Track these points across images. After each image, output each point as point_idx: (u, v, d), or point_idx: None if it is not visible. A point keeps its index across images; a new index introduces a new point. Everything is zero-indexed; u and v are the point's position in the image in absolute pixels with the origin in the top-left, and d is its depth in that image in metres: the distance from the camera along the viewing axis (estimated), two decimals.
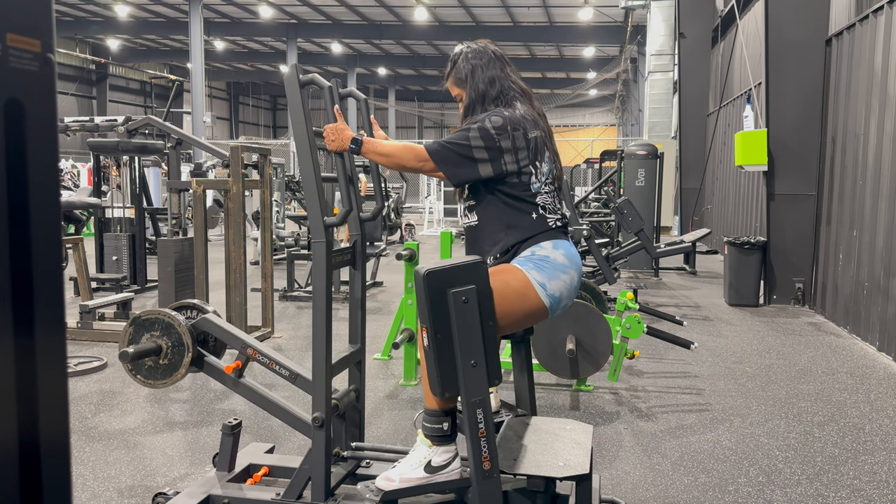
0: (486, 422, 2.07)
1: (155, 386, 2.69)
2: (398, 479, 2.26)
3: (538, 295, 2.32)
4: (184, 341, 2.64)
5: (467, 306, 2.06)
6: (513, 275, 2.33)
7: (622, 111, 31.00)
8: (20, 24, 0.78)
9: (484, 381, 2.08)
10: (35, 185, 0.80)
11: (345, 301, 7.22)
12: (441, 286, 2.07)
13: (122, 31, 25.56)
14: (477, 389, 2.07)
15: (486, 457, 2.07)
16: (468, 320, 2.06)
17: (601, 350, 4.26)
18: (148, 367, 2.67)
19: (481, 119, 2.41)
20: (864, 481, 3.22)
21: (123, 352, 2.59)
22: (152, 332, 2.66)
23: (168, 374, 2.66)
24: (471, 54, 2.57)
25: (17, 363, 0.78)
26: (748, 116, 9.27)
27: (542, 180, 2.45)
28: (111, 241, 7.78)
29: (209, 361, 2.71)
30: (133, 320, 2.69)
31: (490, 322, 2.13)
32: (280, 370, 2.64)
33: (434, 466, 2.26)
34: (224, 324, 2.76)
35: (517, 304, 2.31)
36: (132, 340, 2.67)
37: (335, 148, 2.47)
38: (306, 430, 2.50)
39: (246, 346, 2.68)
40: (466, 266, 2.12)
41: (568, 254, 2.42)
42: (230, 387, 2.69)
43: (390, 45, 28.62)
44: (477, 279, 2.10)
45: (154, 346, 2.65)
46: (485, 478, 2.08)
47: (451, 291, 2.06)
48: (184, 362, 2.64)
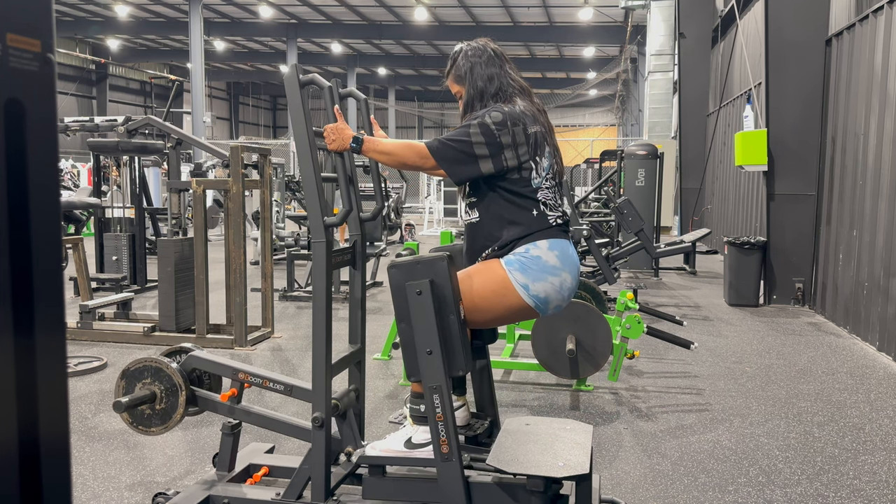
0: (444, 407, 2.24)
1: (155, 433, 2.72)
2: (381, 449, 2.46)
3: (519, 295, 2.39)
4: (175, 382, 2.67)
5: (421, 298, 2.24)
6: (493, 274, 2.41)
7: (622, 111, 31.00)
8: (20, 24, 0.78)
9: (440, 369, 2.24)
10: (35, 185, 0.80)
11: (345, 301, 7.22)
12: (402, 279, 2.29)
13: (122, 31, 25.56)
14: (433, 376, 2.25)
15: (444, 440, 2.24)
16: (422, 311, 2.24)
17: (601, 350, 4.26)
18: (146, 415, 2.69)
19: (481, 115, 2.43)
20: (864, 481, 3.22)
21: (117, 402, 2.62)
22: (143, 381, 2.69)
23: (166, 418, 2.69)
24: (470, 52, 2.58)
25: (17, 363, 0.78)
26: (748, 116, 9.27)
27: (542, 175, 2.46)
28: (111, 241, 7.78)
29: (202, 396, 2.75)
30: (123, 373, 2.72)
31: (451, 315, 2.27)
32: (274, 386, 2.67)
33: (413, 443, 2.44)
34: (210, 356, 2.79)
35: (495, 301, 2.41)
36: (126, 392, 2.70)
37: (336, 148, 2.48)
38: (309, 439, 2.51)
39: (237, 373, 2.71)
40: (425, 261, 2.28)
41: (562, 255, 2.43)
42: (226, 414, 2.74)
43: (390, 45, 28.62)
44: (434, 273, 2.26)
45: (147, 394, 2.67)
46: (444, 460, 2.25)
47: (407, 283, 2.26)
48: (179, 402, 2.67)
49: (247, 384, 2.72)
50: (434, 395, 2.24)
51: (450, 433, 2.23)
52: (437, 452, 2.26)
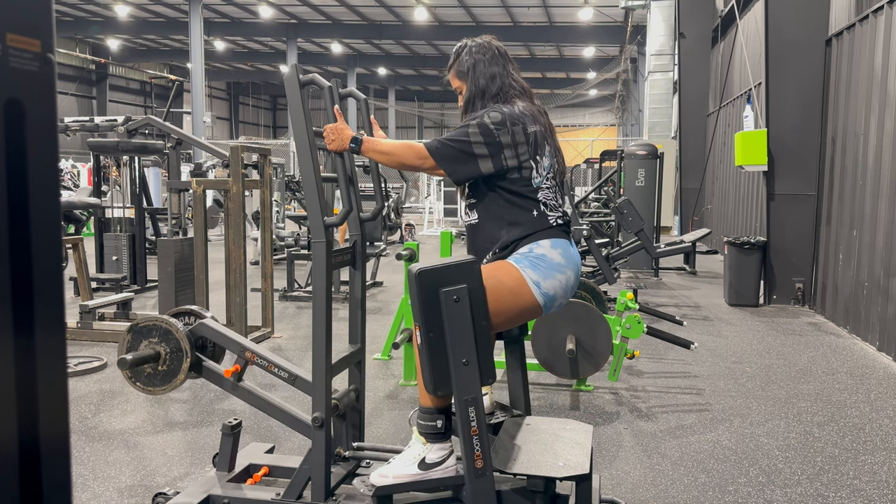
0: (479, 420, 2.08)
1: (154, 392, 2.69)
2: (392, 475, 2.29)
3: (532, 293, 2.34)
4: (182, 347, 2.65)
5: (459, 305, 2.08)
6: (507, 272, 2.34)
7: (622, 111, 31.00)
8: (20, 24, 0.78)
9: (476, 380, 2.09)
10: (35, 185, 0.80)
11: (345, 301, 7.22)
12: (433, 285, 2.10)
13: (122, 31, 25.56)
14: (469, 388, 2.09)
15: (479, 455, 2.08)
16: (460, 319, 2.08)
17: (601, 350, 4.26)
18: (147, 374, 2.67)
19: (480, 115, 2.42)
20: (864, 481, 3.22)
21: (122, 359, 2.59)
22: (150, 339, 2.67)
23: (167, 380, 2.66)
24: (475, 48, 2.57)
25: (17, 363, 0.78)
26: (748, 116, 9.27)
27: (543, 175, 2.45)
28: (111, 241, 7.78)
29: (207, 366, 2.71)
30: (131, 327, 2.69)
31: (483, 321, 2.14)
32: (279, 372, 2.64)
33: (428, 463, 2.28)
34: (222, 328, 2.76)
35: (511, 301, 2.32)
36: (130, 347, 2.68)
37: (335, 148, 2.48)
38: (306, 431, 2.50)
39: (244, 350, 2.68)
40: (458, 265, 2.13)
41: (565, 253, 2.42)
42: (229, 390, 2.70)
43: (390, 45, 28.62)
44: (469, 278, 2.12)
45: (152, 353, 2.65)
46: (477, 476, 2.09)
47: (443, 290, 2.09)
48: (182, 368, 2.64)
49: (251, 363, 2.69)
50: (469, 409, 2.08)
51: (484, 447, 2.10)
52: (470, 468, 2.10)
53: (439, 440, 2.29)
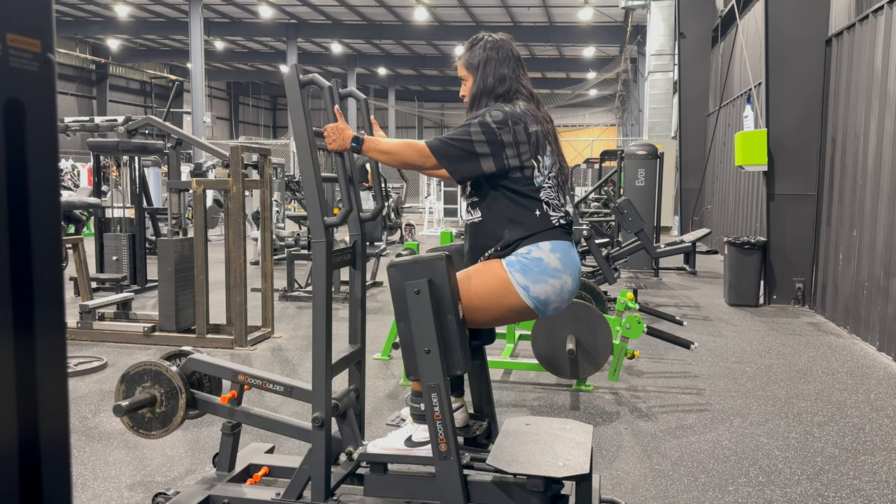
0: (442, 406, 2.24)
1: (155, 437, 2.72)
2: (381, 447, 2.48)
3: (518, 296, 2.39)
4: (175, 386, 2.67)
5: (419, 297, 2.25)
6: (494, 274, 2.41)
7: (622, 111, 31.00)
8: (20, 24, 0.78)
9: (438, 368, 2.25)
10: (35, 185, 0.80)
11: (345, 301, 7.22)
12: (401, 278, 2.30)
13: (122, 31, 25.55)
14: (431, 375, 2.26)
15: (443, 439, 2.25)
16: (421, 310, 2.25)
17: (601, 350, 4.26)
18: (147, 419, 2.70)
19: (481, 114, 2.43)
20: (864, 481, 3.22)
21: (117, 405, 2.62)
22: (143, 384, 2.69)
23: (166, 421, 2.69)
24: (489, 44, 2.56)
25: (17, 363, 0.78)
26: (748, 116, 9.26)
27: (545, 174, 2.46)
28: (111, 241, 7.78)
29: (202, 399, 2.75)
30: (123, 377, 2.71)
31: (449, 314, 2.28)
32: (274, 387, 2.67)
33: (413, 441, 2.45)
34: (209, 359, 2.80)
35: (495, 302, 2.42)
36: (126, 396, 2.70)
37: (336, 147, 2.48)
38: (309, 439, 2.51)
39: (236, 374, 2.71)
40: (423, 261, 2.29)
41: (564, 257, 2.43)
42: (226, 416, 2.74)
43: (390, 45, 28.62)
44: (433, 273, 2.27)
45: (147, 397, 2.67)
46: (442, 458, 2.26)
47: (406, 283, 2.28)
48: (179, 405, 2.67)
49: (247, 386, 2.72)
50: (432, 394, 2.25)
51: (448, 432, 2.25)
52: (435, 451, 2.27)
53: (424, 421, 2.40)
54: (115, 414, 2.63)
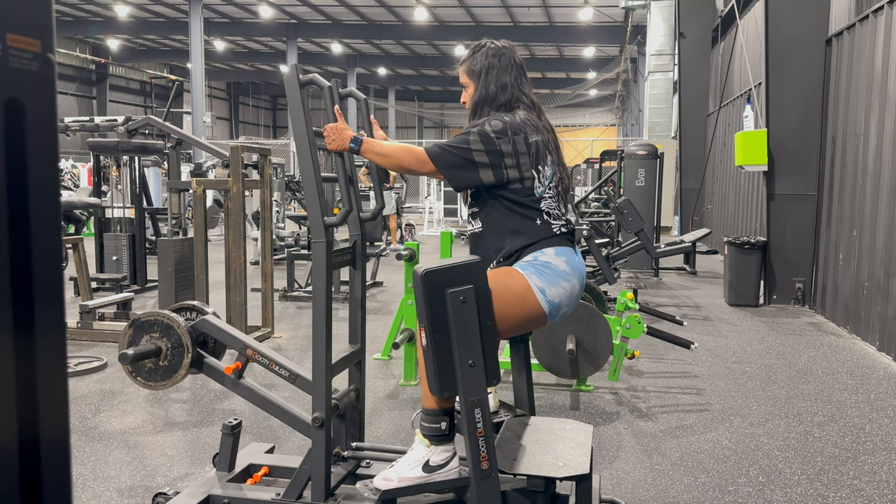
0: (485, 422, 2.07)
1: (155, 388, 2.69)
2: (396, 478, 2.25)
3: (537, 300, 2.33)
4: (183, 342, 2.64)
5: (465, 306, 2.07)
6: (513, 278, 2.33)
7: (622, 111, 31.00)
8: (20, 24, 0.78)
9: (482, 381, 2.08)
10: (35, 185, 0.80)
11: (345, 301, 7.22)
12: (439, 286, 2.07)
13: (122, 31, 25.55)
14: (475, 389, 2.07)
15: (485, 456, 2.07)
16: (466, 320, 2.07)
17: (601, 350, 4.26)
18: (148, 369, 2.67)
19: (481, 123, 2.42)
20: (864, 481, 3.22)
21: (123, 353, 2.59)
22: (152, 334, 2.66)
23: (168, 375, 2.66)
24: (492, 52, 2.54)
25: (17, 363, 0.78)
26: (748, 116, 9.26)
27: (545, 185, 2.44)
28: (111, 241, 7.78)
29: (209, 362, 2.71)
30: (132, 322, 2.68)
31: (488, 322, 2.12)
32: (280, 371, 2.64)
33: (432, 466, 2.26)
34: (223, 325, 2.76)
35: (516, 307, 2.31)
36: (132, 342, 2.67)
37: (335, 148, 2.47)
38: (306, 431, 2.50)
39: (245, 347, 2.68)
40: (464, 266, 2.11)
41: (570, 261, 2.41)
42: (229, 387, 2.69)
43: (390, 45, 28.62)
44: (475, 279, 2.10)
45: (154, 348, 2.64)
46: (483, 477, 2.08)
47: (449, 291, 2.06)
48: (183, 363, 2.64)
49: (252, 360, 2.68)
50: (475, 410, 2.07)
51: (490, 448, 2.09)
52: (476, 470, 2.09)
53: (443, 442, 2.27)
54: (121, 361, 2.58)
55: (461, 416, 2.12)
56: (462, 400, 2.08)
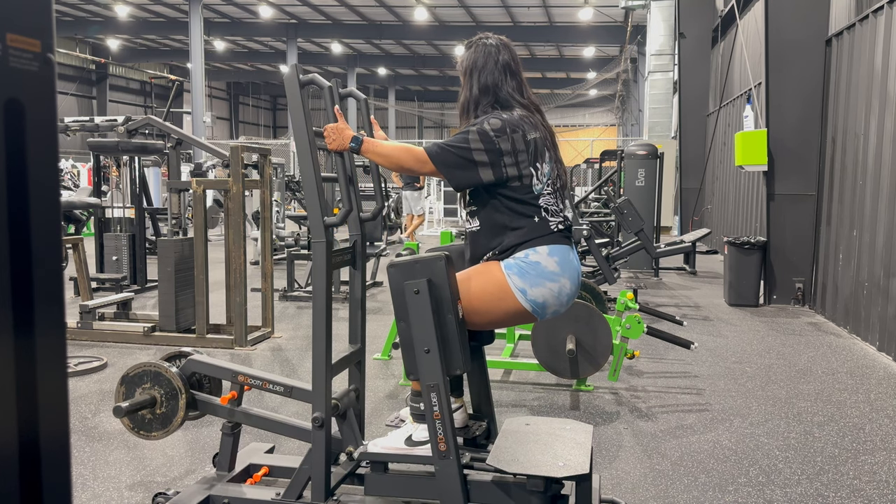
0: (441, 405, 2.25)
1: (156, 438, 2.71)
2: (381, 446, 2.49)
3: (516, 299, 2.39)
4: (175, 386, 2.67)
5: (419, 297, 2.26)
6: (491, 277, 2.41)
7: (622, 111, 31.00)
8: (20, 24, 0.78)
9: (437, 368, 2.25)
10: (35, 185, 0.80)
11: (345, 301, 7.22)
12: (401, 278, 2.30)
13: (122, 31, 25.55)
14: (431, 374, 2.26)
15: (442, 438, 2.25)
16: (420, 310, 2.26)
17: (601, 350, 4.26)
18: (147, 420, 2.69)
19: (480, 122, 2.43)
20: (864, 481, 3.22)
21: (117, 407, 2.61)
22: (143, 385, 2.69)
23: (166, 422, 2.69)
24: (480, 49, 2.54)
25: (17, 363, 0.78)
26: (748, 116, 9.26)
27: (543, 181, 2.45)
28: (111, 241, 7.78)
29: (202, 400, 2.75)
30: (122, 379, 2.71)
31: (448, 314, 2.28)
32: (274, 388, 2.67)
33: (414, 441, 2.47)
34: (209, 360, 2.79)
35: (493, 304, 2.41)
36: (126, 397, 2.70)
37: (335, 147, 2.48)
38: (309, 439, 2.51)
39: (236, 375, 2.71)
40: (423, 260, 2.29)
41: (562, 261, 2.42)
42: (227, 417, 2.73)
43: (390, 45, 28.62)
44: (432, 272, 2.27)
45: (147, 398, 2.67)
46: (442, 458, 2.26)
47: (406, 283, 2.28)
48: (179, 406, 2.67)
49: (247, 387, 2.72)
50: (431, 394, 2.25)
51: (447, 431, 2.25)
52: (434, 450, 2.27)
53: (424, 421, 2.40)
54: (116, 415, 2.63)
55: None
56: (421, 384, 2.28)
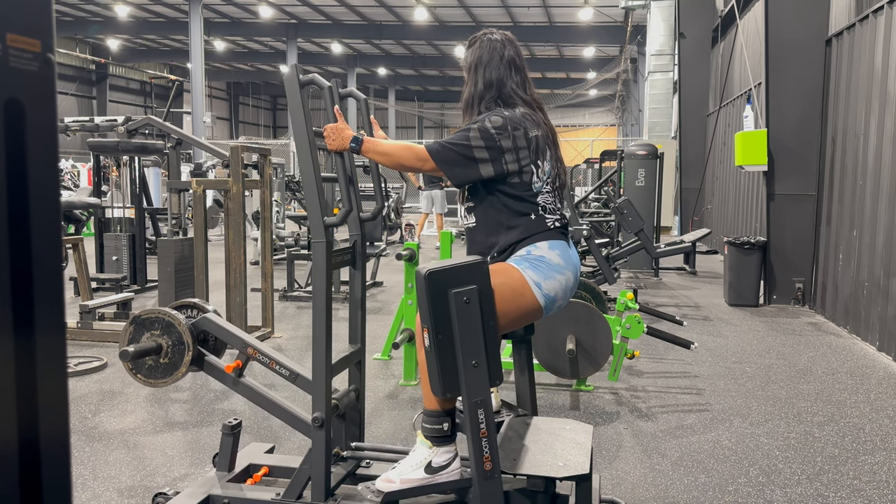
0: (488, 422, 2.07)
1: (155, 385, 2.69)
2: (398, 480, 2.25)
3: (533, 294, 2.33)
4: (184, 340, 2.64)
5: (469, 306, 2.06)
6: (509, 274, 2.34)
7: (622, 111, 31.00)
8: (20, 24, 0.78)
9: (485, 382, 2.08)
10: (35, 185, 0.80)
11: (345, 301, 7.22)
12: (442, 286, 2.07)
13: (122, 31, 25.56)
14: (478, 390, 2.07)
15: (488, 457, 2.07)
16: (470, 320, 2.06)
17: (601, 350, 4.26)
18: (148, 367, 2.67)
19: (481, 119, 2.42)
20: (864, 481, 3.22)
21: (123, 350, 2.58)
22: (152, 331, 2.66)
23: (168, 372, 2.66)
24: (485, 45, 2.54)
25: (17, 363, 0.78)
26: (748, 116, 9.26)
27: (543, 179, 2.45)
28: (111, 241, 7.77)
29: (209, 361, 2.71)
30: (133, 319, 2.68)
31: (491, 322, 2.13)
32: (280, 370, 2.64)
33: (434, 467, 2.25)
34: (224, 323, 2.76)
35: (513, 303, 2.31)
36: (132, 339, 2.67)
37: (335, 147, 2.47)
38: (306, 430, 2.50)
39: (246, 346, 2.68)
40: (467, 266, 2.12)
41: (564, 254, 2.42)
42: (230, 386, 2.69)
43: (390, 45, 28.62)
44: (478, 279, 2.11)
45: (154, 345, 2.64)
46: (486, 478, 2.08)
47: (453, 292, 2.06)
48: (184, 361, 2.64)
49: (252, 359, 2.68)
50: (479, 411, 2.07)
51: (493, 449, 2.10)
52: (479, 470, 2.08)
53: (445, 443, 2.27)
54: (121, 359, 2.58)
55: (464, 417, 2.11)
56: (466, 400, 2.08)
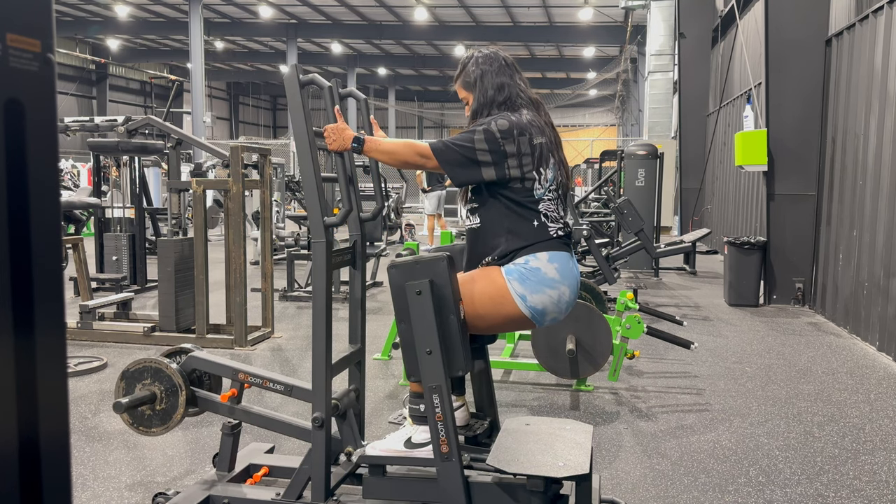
0: (443, 407, 2.24)
1: (154, 434, 2.71)
2: (380, 449, 2.46)
3: (516, 305, 2.39)
4: (175, 383, 2.67)
5: (421, 298, 2.25)
6: (492, 282, 2.40)
7: (622, 111, 31.00)
8: (20, 24, 0.78)
9: (439, 369, 2.25)
10: (35, 185, 0.80)
11: (345, 301, 7.22)
12: (402, 279, 2.29)
13: (122, 31, 25.56)
14: (433, 376, 2.25)
15: (444, 440, 2.24)
16: (422, 311, 2.25)
17: (601, 350, 4.26)
18: (147, 416, 2.69)
19: (487, 122, 2.43)
20: (864, 481, 3.22)
21: (117, 402, 2.61)
22: (143, 381, 2.69)
23: (166, 418, 2.68)
24: (481, 59, 2.58)
25: (17, 363, 0.78)
26: (748, 116, 9.26)
27: (545, 186, 2.46)
28: (111, 241, 7.77)
29: (202, 397, 2.74)
30: (123, 374, 2.71)
31: (451, 315, 2.27)
32: (274, 386, 2.66)
33: (413, 443, 2.44)
34: (210, 357, 2.79)
35: (492, 309, 2.41)
36: (126, 393, 2.70)
37: (336, 148, 2.48)
38: (309, 439, 2.51)
39: (236, 373, 2.70)
40: (425, 261, 2.28)
41: (562, 268, 2.43)
42: (226, 415, 2.73)
43: (390, 45, 28.62)
44: (434, 273, 2.26)
45: (147, 394, 2.67)
46: (444, 460, 2.26)
47: (407, 284, 2.27)
48: (179, 403, 2.66)
49: (247, 384, 2.72)
50: (433, 395, 2.24)
51: (449, 433, 2.24)
52: (436, 452, 2.26)
53: (424, 423, 2.39)
54: (115, 411, 2.62)
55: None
56: (423, 386, 2.27)
